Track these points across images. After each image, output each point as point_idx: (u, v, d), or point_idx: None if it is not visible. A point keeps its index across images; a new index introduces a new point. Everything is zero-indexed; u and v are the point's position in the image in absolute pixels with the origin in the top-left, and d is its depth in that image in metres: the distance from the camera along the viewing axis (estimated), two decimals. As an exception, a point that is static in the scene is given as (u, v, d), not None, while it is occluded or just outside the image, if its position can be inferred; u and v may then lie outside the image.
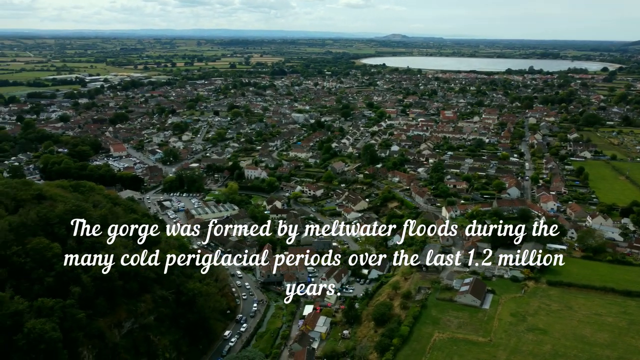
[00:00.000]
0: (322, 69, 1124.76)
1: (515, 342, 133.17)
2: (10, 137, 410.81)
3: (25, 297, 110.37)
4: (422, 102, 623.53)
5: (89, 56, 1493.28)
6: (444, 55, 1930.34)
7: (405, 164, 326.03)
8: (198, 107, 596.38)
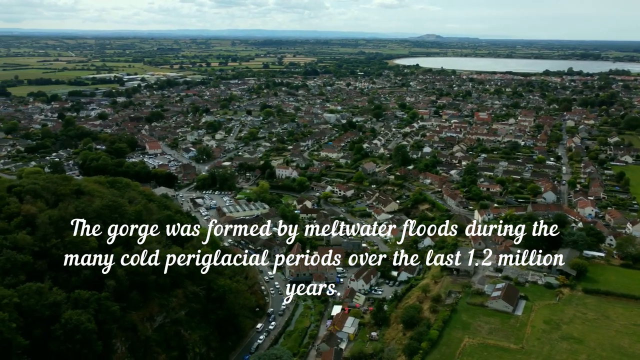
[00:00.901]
0: (354, 70, 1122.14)
1: (548, 350, 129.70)
2: (52, 134, 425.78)
3: (63, 288, 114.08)
4: (455, 104, 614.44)
5: (127, 56, 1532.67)
6: (479, 56, 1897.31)
7: (437, 166, 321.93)
8: (231, 106, 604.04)
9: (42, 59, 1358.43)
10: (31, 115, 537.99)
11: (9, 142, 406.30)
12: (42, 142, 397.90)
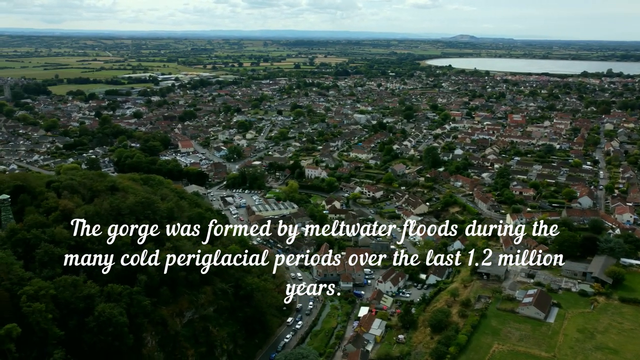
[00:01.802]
0: (385, 70, 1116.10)
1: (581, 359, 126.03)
2: (89, 131, 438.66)
3: (97, 282, 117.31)
4: (488, 105, 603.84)
5: (162, 56, 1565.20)
6: (514, 57, 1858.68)
7: (468, 169, 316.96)
8: (262, 106, 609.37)
9: (81, 58, 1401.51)
10: (70, 113, 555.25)
11: (49, 139, 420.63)
12: (80, 139, 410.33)
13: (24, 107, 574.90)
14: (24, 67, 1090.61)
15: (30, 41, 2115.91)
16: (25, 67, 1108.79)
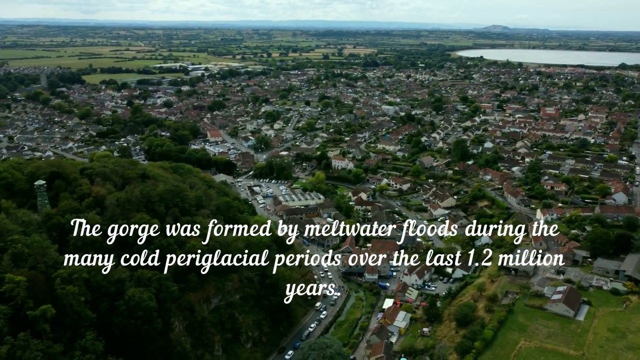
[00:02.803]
0: (415, 61, 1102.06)
1: (611, 359, 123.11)
2: (121, 120, 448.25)
3: (127, 267, 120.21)
4: (521, 98, 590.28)
5: (192, 46, 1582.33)
6: (549, 48, 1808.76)
7: (498, 162, 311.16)
8: (290, 96, 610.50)
9: (114, 48, 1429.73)
10: (103, 102, 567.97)
11: (83, 127, 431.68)
12: (112, 127, 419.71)
13: (59, 96, 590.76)
14: (59, 57, 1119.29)
15: (66, 31, 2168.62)
16: (60, 56, 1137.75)
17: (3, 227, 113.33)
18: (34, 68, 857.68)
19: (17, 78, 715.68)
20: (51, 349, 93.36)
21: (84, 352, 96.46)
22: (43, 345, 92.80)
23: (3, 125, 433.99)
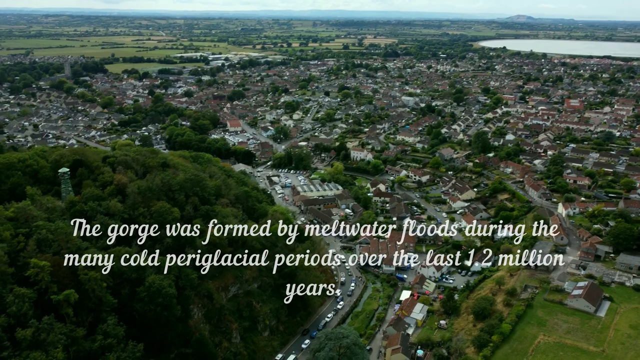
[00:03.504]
0: (436, 52, 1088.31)
1: (632, 356, 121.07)
2: (143, 109, 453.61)
3: (148, 254, 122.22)
4: (544, 89, 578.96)
5: (212, 36, 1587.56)
6: (574, 39, 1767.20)
7: (520, 155, 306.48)
8: (310, 87, 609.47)
9: (136, 38, 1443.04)
10: (125, 91, 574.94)
11: (105, 116, 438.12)
12: (134, 116, 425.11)
13: (82, 85, 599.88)
14: (83, 46, 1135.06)
15: (89, 21, 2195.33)
16: (84, 46, 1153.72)
17: (28, 214, 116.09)
18: (58, 57, 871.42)
19: (42, 67, 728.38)
20: (74, 332, 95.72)
21: (106, 337, 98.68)
22: (66, 329, 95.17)
23: (29, 113, 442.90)
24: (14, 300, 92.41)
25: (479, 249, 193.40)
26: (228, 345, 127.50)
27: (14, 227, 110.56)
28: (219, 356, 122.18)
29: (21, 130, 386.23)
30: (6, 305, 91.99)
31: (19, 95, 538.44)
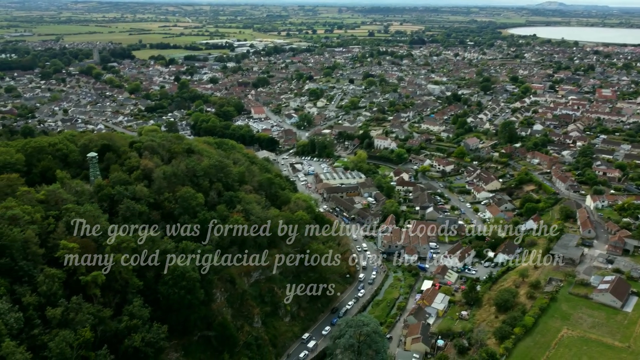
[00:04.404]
0: (464, 39, 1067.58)
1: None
2: (169, 95, 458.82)
3: (172, 238, 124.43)
4: (575, 78, 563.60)
5: (238, 22, 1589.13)
6: (608, 26, 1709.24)
7: (547, 145, 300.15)
8: (334, 74, 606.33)
9: (162, 24, 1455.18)
10: (151, 77, 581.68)
11: (132, 102, 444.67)
12: (160, 102, 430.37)
13: (110, 71, 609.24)
14: (111, 32, 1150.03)
15: (117, 7, 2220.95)
16: (112, 32, 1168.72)
17: (58, 196, 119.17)
18: (87, 43, 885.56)
19: (72, 53, 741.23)
20: (101, 313, 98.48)
21: (132, 318, 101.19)
22: (94, 309, 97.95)
23: (59, 98, 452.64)
24: (45, 280, 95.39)
25: (503, 240, 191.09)
26: (249, 330, 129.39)
27: (45, 210, 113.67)
28: (240, 339, 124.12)
29: (51, 115, 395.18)
30: (37, 285, 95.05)
31: (49, 81, 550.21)
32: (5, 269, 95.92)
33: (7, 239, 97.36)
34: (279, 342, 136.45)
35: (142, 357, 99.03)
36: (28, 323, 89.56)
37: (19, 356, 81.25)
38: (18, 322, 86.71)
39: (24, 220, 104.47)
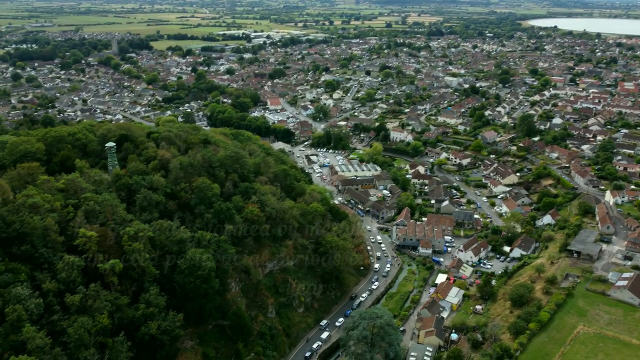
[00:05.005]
0: (483, 31, 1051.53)
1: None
2: (186, 86, 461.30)
3: (189, 228, 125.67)
4: (596, 71, 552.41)
5: (255, 13, 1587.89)
6: (632, 17, 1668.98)
7: (567, 139, 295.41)
8: (351, 66, 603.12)
9: (180, 15, 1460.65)
10: (169, 68, 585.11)
11: (150, 92, 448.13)
12: (177, 93, 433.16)
13: (129, 61, 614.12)
14: (129, 23, 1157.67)
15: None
16: (130, 22, 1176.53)
17: (77, 185, 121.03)
18: (106, 34, 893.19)
19: (91, 43, 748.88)
20: (118, 300, 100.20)
21: (148, 306, 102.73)
22: (111, 296, 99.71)
23: (78, 88, 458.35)
24: (64, 267, 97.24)
25: (519, 235, 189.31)
26: (264, 320, 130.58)
27: (64, 198, 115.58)
28: (254, 329, 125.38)
29: (71, 105, 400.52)
30: (56, 272, 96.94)
31: (69, 71, 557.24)
32: (26, 255, 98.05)
33: (28, 227, 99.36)
34: (293, 333, 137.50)
35: (158, 345, 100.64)
36: (48, 309, 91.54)
37: (39, 341, 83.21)
38: (38, 308, 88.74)
39: (44, 208, 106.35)
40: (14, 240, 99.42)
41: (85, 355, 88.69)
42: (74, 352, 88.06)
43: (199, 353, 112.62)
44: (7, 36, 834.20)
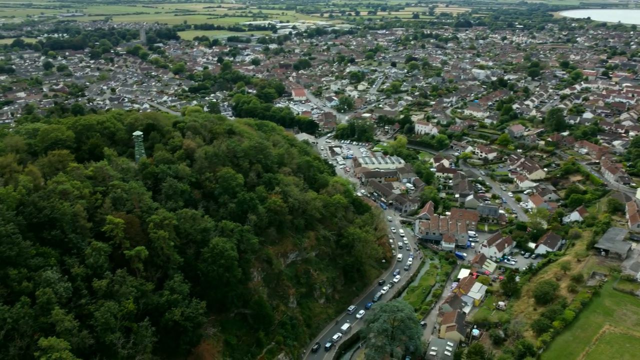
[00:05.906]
0: (512, 22, 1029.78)
1: None
2: (212, 76, 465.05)
3: (212, 217, 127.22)
4: (631, 65, 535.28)
5: (281, 4, 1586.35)
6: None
7: (597, 135, 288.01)
8: (376, 57, 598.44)
9: (207, 5, 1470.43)
10: (195, 58, 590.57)
11: (176, 82, 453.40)
12: (203, 83, 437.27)
13: (156, 51, 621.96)
14: (157, 13, 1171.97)
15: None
16: (158, 12, 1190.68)
17: (105, 173, 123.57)
18: (134, 24, 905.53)
19: (120, 33, 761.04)
20: (144, 286, 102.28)
21: (172, 292, 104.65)
22: (137, 282, 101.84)
23: (107, 77, 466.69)
24: (92, 253, 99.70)
25: (545, 231, 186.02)
26: (285, 309, 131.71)
27: (92, 185, 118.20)
28: (275, 318, 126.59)
29: (100, 94, 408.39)
30: (85, 257, 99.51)
31: (98, 60, 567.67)
32: (55, 240, 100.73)
33: (58, 212, 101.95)
34: (313, 323, 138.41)
35: (181, 331, 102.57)
36: (76, 293, 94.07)
37: (67, 323, 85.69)
38: (67, 292, 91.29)
39: (73, 195, 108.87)
40: (44, 225, 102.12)
41: (112, 339, 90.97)
42: (101, 335, 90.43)
43: (220, 340, 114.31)
44: (39, 25, 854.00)
